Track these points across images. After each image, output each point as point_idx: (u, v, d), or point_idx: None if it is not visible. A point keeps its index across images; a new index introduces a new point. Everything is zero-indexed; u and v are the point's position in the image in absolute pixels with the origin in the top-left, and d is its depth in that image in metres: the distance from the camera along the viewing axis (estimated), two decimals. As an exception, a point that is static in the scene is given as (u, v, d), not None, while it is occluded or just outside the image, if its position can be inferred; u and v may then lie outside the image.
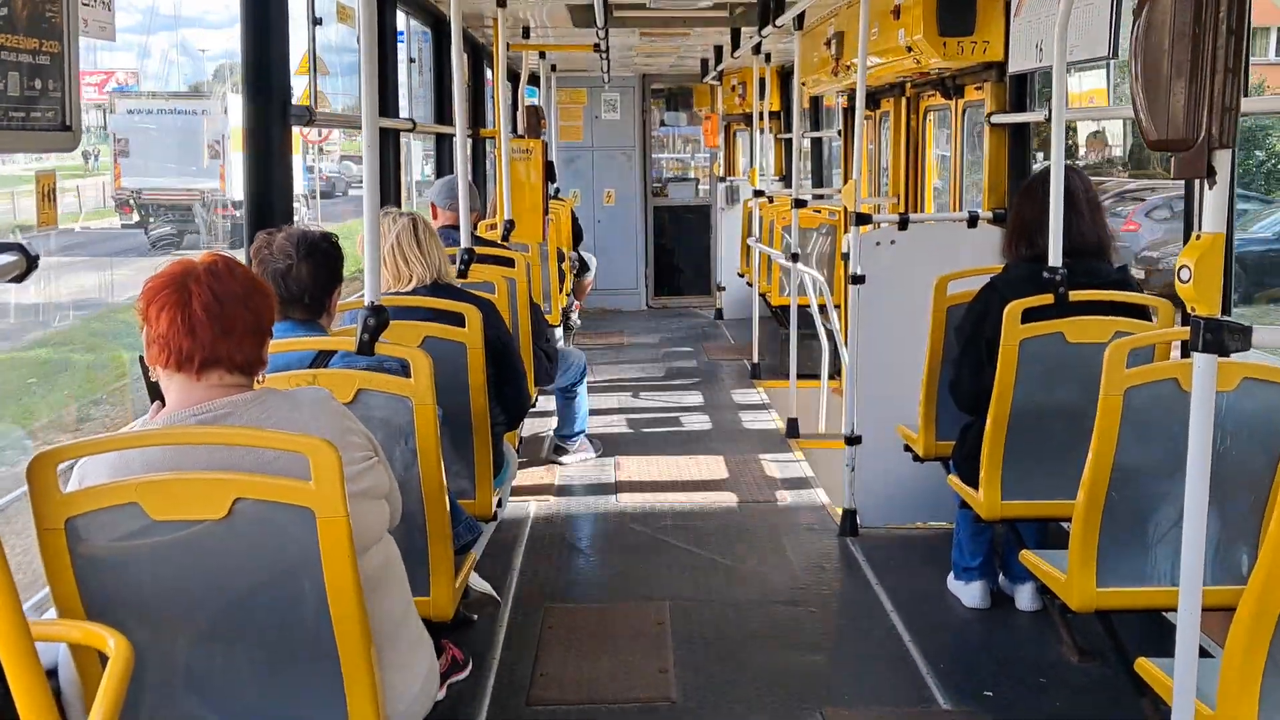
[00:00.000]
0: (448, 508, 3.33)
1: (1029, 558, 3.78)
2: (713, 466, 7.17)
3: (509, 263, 5.59)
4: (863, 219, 5.70)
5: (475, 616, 4.68)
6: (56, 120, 2.09)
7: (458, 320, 4.02)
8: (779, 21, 7.43)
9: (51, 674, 2.16)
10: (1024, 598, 4.78)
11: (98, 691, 1.69)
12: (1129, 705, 3.86)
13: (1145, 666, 2.91)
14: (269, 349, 2.53)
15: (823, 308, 7.91)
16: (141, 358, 2.44)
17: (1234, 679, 2.46)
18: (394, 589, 2.59)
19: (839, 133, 10.33)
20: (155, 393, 2.50)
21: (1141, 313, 4.12)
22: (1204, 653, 2.45)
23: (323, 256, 3.37)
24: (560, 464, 7.19)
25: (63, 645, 2.23)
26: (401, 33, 7.39)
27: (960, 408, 4.43)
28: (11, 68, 1.94)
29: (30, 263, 2.12)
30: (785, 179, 12.51)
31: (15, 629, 1.62)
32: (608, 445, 7.53)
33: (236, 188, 23.82)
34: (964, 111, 6.90)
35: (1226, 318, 2.23)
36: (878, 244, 5.74)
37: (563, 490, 6.70)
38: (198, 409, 2.34)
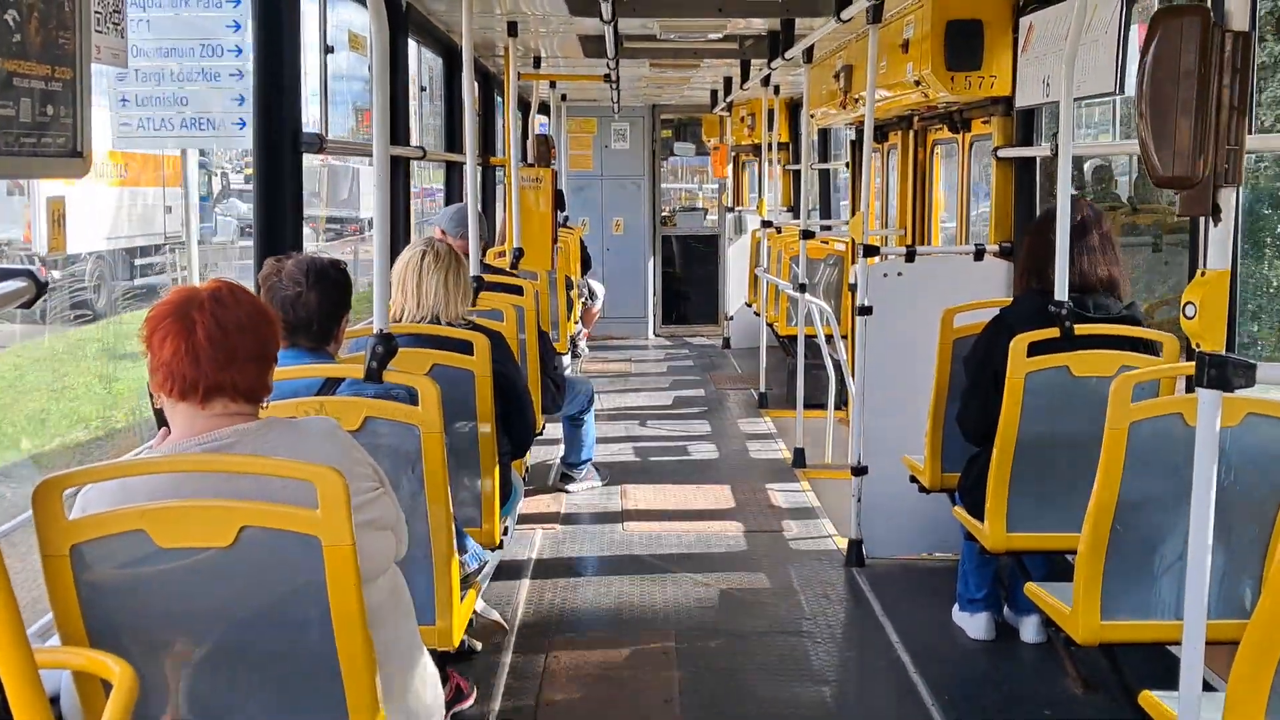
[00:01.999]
0: (454, 536, 3.33)
1: (1034, 590, 3.77)
2: (719, 496, 7.16)
3: (518, 290, 5.61)
4: (870, 251, 5.72)
5: (480, 645, 4.67)
6: (68, 147, 2.10)
7: (466, 348, 4.03)
8: (788, 54, 7.48)
9: (54, 701, 2.17)
10: (1029, 630, 4.76)
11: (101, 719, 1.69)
12: (1134, 740, 3.84)
13: (1149, 700, 2.90)
14: (274, 376, 2.53)
15: (829, 338, 7.92)
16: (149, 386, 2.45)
17: (1238, 714, 2.45)
18: (400, 619, 2.59)
19: (847, 165, 10.38)
20: (162, 419, 2.50)
21: (1148, 348, 4.13)
22: (1208, 686, 2.45)
23: (331, 284, 3.39)
24: (567, 492, 7.18)
25: (66, 672, 2.23)
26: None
27: (969, 440, 4.43)
28: (24, 94, 1.96)
29: (40, 288, 2.13)
30: (793, 210, 12.55)
31: (19, 656, 1.63)
32: (614, 474, 7.52)
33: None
34: (971, 145, 6.93)
35: (1231, 354, 2.24)
36: (885, 276, 5.75)
37: (569, 519, 6.70)
38: (203, 438, 2.35)
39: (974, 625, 4.83)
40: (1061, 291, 4.04)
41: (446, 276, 4.31)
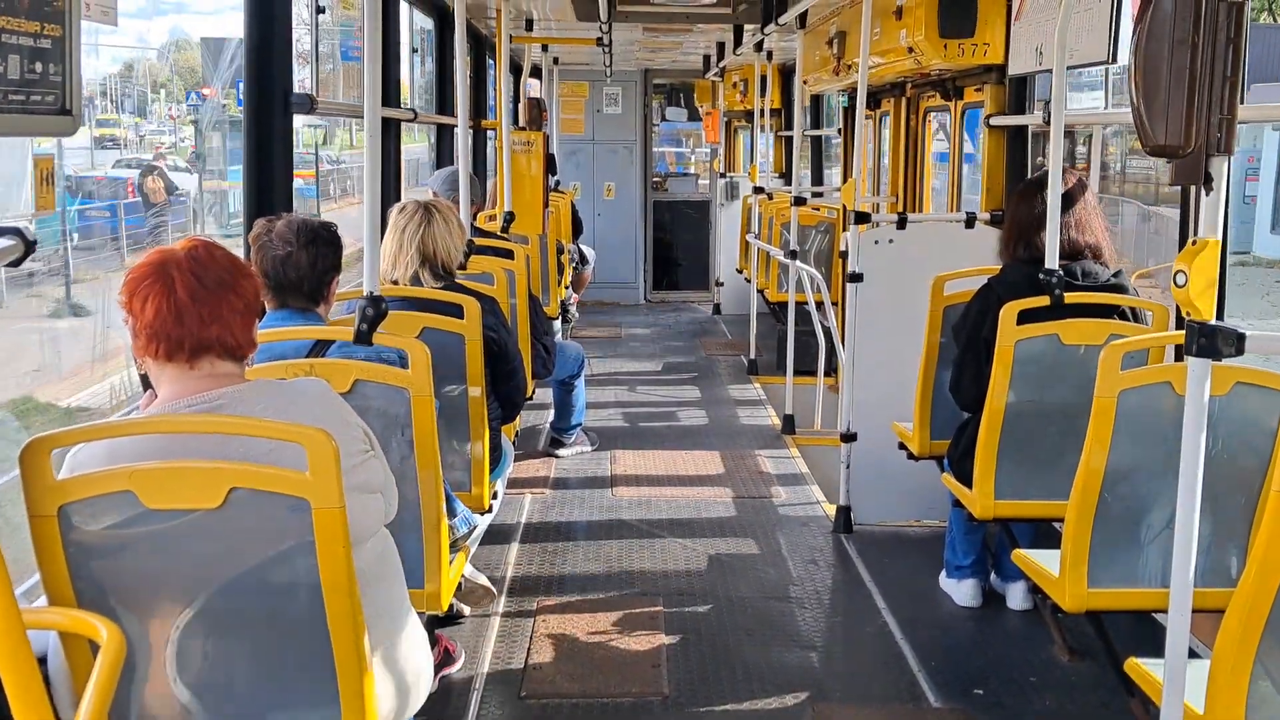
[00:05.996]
0: (444, 500, 3.34)
1: (1021, 557, 3.79)
2: (708, 461, 7.18)
3: (508, 254, 5.60)
4: (861, 218, 5.71)
5: (469, 609, 4.69)
6: (56, 104, 2.09)
7: (457, 312, 4.02)
8: (782, 20, 7.43)
9: (41, 662, 2.17)
10: (1015, 597, 4.79)
11: (89, 681, 1.69)
12: (1118, 705, 3.88)
13: (1135, 667, 2.92)
14: (264, 337, 2.52)
15: (820, 305, 7.92)
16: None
17: (1223, 681, 2.47)
18: (389, 582, 2.60)
19: (839, 131, 10.35)
20: (149, 382, 2.49)
21: (1137, 315, 4.14)
22: (1193, 654, 2.47)
23: (323, 245, 3.37)
24: (557, 457, 7.20)
25: (53, 633, 2.23)
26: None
27: (962, 408, 4.44)
28: (12, 51, 1.94)
29: (28, 246, 2.12)
30: (785, 176, 12.51)
31: (7, 616, 1.62)
32: (604, 439, 7.54)
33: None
34: (963, 113, 6.90)
35: (1220, 323, 2.25)
36: (876, 243, 5.75)
37: (559, 483, 6.71)
38: (192, 399, 2.34)
39: (961, 592, 4.86)
40: (1052, 259, 4.04)
41: (417, 237, 4.31)
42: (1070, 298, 4.05)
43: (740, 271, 12.22)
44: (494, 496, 4.36)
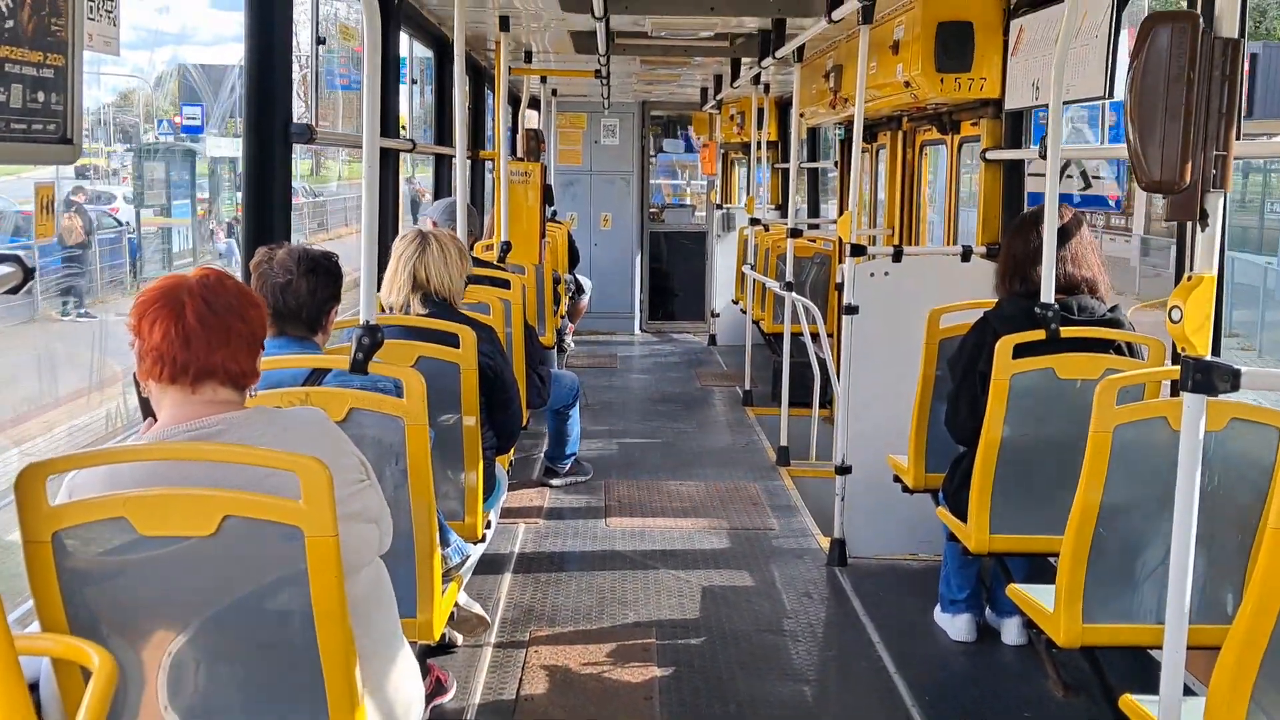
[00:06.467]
0: (437, 529, 3.33)
1: (1016, 592, 3.79)
2: (703, 492, 7.16)
3: (505, 284, 5.61)
4: (857, 250, 5.73)
5: (460, 639, 4.67)
6: (57, 133, 2.10)
7: (453, 341, 4.02)
8: (779, 53, 7.48)
9: (33, 688, 2.16)
10: (1010, 632, 4.78)
11: (80, 708, 1.68)
12: (1113, 743, 3.86)
13: (1130, 703, 2.91)
14: (262, 365, 2.53)
15: (815, 336, 7.93)
16: (135, 374, 2.44)
17: (1219, 718, 2.47)
18: (382, 612, 2.59)
19: (835, 164, 10.40)
20: (148, 409, 2.49)
21: (1133, 350, 4.15)
22: (1188, 691, 2.46)
23: (323, 274, 3.39)
24: (550, 486, 7.18)
25: (45, 660, 2.22)
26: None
27: (958, 441, 4.44)
28: (15, 80, 1.95)
29: (27, 274, 2.12)
30: (781, 208, 12.56)
31: (0, 641, 1.62)
32: (598, 469, 7.52)
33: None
34: (959, 147, 6.94)
35: (1216, 359, 2.25)
36: (871, 275, 5.77)
37: (552, 513, 6.70)
38: (191, 425, 2.34)
39: (955, 626, 4.84)
40: (1048, 294, 4.06)
41: (407, 267, 4.34)
42: (1066, 332, 4.06)
43: (736, 302, 12.24)
44: (487, 526, 4.35)
